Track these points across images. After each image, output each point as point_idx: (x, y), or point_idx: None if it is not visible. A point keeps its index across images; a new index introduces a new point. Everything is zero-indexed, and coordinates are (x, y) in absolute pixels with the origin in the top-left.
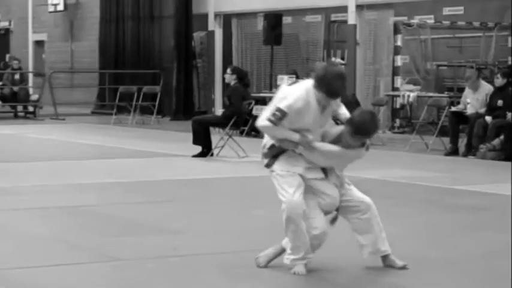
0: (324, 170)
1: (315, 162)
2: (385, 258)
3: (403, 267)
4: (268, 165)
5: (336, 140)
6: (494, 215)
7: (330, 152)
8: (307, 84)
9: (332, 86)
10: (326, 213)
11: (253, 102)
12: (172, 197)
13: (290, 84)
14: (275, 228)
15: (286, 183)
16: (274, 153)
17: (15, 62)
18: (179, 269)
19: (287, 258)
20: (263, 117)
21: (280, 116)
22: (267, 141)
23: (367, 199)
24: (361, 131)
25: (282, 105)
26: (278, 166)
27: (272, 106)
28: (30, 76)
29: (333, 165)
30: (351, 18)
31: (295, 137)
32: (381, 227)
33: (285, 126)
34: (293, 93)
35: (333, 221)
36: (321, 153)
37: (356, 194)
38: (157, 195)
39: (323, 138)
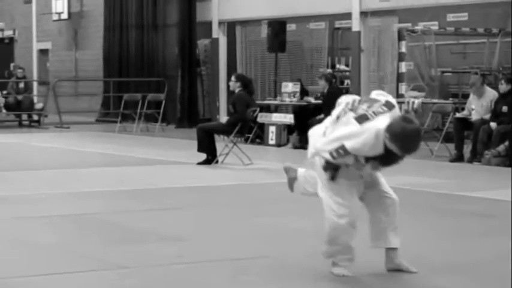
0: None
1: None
2: (390, 251)
3: (410, 271)
4: (333, 178)
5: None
6: (500, 221)
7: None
8: (378, 128)
9: (408, 146)
10: None
11: (258, 109)
12: (176, 204)
13: (358, 117)
14: (280, 235)
15: (347, 189)
16: (335, 166)
17: (20, 70)
18: (184, 277)
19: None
20: (325, 147)
21: (343, 155)
22: None
23: (394, 194)
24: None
25: (349, 145)
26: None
27: (337, 137)
28: (35, 85)
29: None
30: (355, 25)
31: (350, 161)
32: (397, 221)
33: None
34: (363, 135)
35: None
36: (367, 173)
37: (385, 186)
38: (161, 202)
39: None
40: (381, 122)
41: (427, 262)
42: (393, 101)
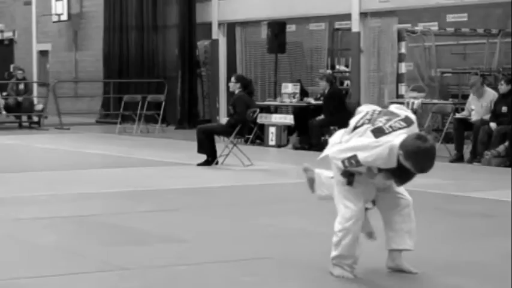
0: None
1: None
2: (393, 251)
3: (411, 272)
4: (350, 183)
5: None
6: (501, 221)
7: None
8: (393, 144)
9: (422, 164)
10: None
11: (258, 110)
12: (177, 205)
13: (375, 130)
14: (280, 236)
15: (355, 194)
16: (350, 172)
17: (20, 72)
18: (185, 278)
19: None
20: (338, 155)
21: (354, 165)
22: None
23: (408, 195)
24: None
25: (362, 156)
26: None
27: (351, 147)
28: (35, 86)
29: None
30: (355, 25)
31: (363, 169)
32: (412, 222)
33: None
34: (377, 149)
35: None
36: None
37: (400, 188)
38: (162, 204)
39: None
40: (397, 138)
41: (427, 262)
42: (413, 116)
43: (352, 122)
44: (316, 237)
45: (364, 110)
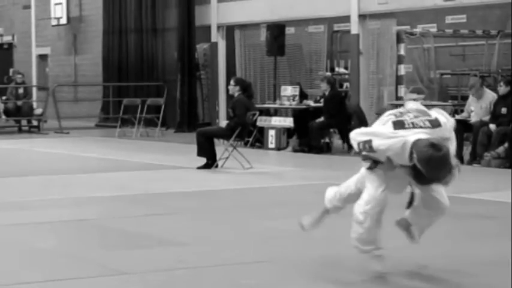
0: None
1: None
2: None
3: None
4: (371, 168)
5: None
6: (501, 223)
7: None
8: (407, 140)
9: (433, 173)
10: None
11: (257, 113)
12: (177, 209)
13: (396, 122)
14: (281, 239)
15: (378, 180)
16: (376, 160)
17: (19, 76)
18: (185, 282)
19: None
20: (356, 136)
21: (368, 150)
22: None
23: (447, 200)
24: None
25: (376, 143)
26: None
27: (369, 132)
28: (34, 90)
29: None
30: (354, 27)
31: (382, 158)
32: (429, 223)
33: None
34: (391, 140)
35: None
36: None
37: (442, 189)
38: (162, 207)
39: None
40: (412, 136)
41: (427, 263)
42: (443, 120)
43: (388, 112)
44: (316, 240)
45: (408, 105)
